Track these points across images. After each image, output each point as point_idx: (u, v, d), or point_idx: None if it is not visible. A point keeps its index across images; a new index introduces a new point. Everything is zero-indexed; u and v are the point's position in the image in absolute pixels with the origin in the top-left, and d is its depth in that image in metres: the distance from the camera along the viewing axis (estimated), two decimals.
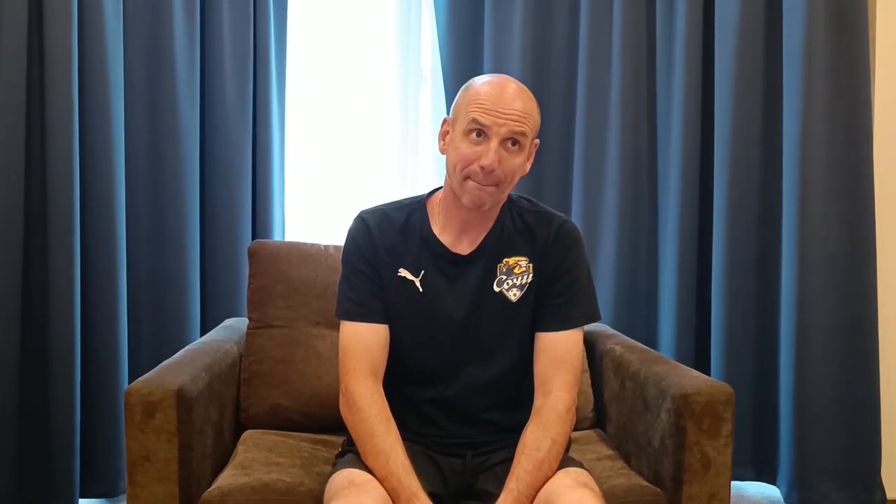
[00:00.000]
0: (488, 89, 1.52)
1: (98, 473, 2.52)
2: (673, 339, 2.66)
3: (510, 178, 1.54)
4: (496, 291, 1.62)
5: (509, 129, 1.50)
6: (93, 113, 2.45)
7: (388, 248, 1.63)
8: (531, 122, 1.54)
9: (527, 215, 1.66)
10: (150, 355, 2.54)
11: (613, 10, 2.67)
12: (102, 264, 2.48)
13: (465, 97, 1.56)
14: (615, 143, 2.68)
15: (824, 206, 2.54)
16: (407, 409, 1.65)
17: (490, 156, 1.49)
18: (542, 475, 1.48)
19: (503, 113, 1.50)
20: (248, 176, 2.61)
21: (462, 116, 1.54)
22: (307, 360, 2.09)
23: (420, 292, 1.62)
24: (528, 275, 1.63)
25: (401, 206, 1.69)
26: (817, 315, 2.54)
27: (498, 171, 1.51)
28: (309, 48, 2.83)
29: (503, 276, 1.63)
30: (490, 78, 1.57)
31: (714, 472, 1.72)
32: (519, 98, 1.52)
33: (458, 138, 1.54)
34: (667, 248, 2.69)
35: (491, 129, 1.50)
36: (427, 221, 1.65)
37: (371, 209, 1.69)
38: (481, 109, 1.50)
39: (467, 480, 1.62)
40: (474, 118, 1.50)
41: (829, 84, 2.53)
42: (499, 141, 1.50)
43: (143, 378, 1.71)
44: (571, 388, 1.58)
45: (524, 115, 1.51)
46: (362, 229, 1.64)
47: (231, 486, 1.67)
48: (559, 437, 1.53)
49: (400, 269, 1.63)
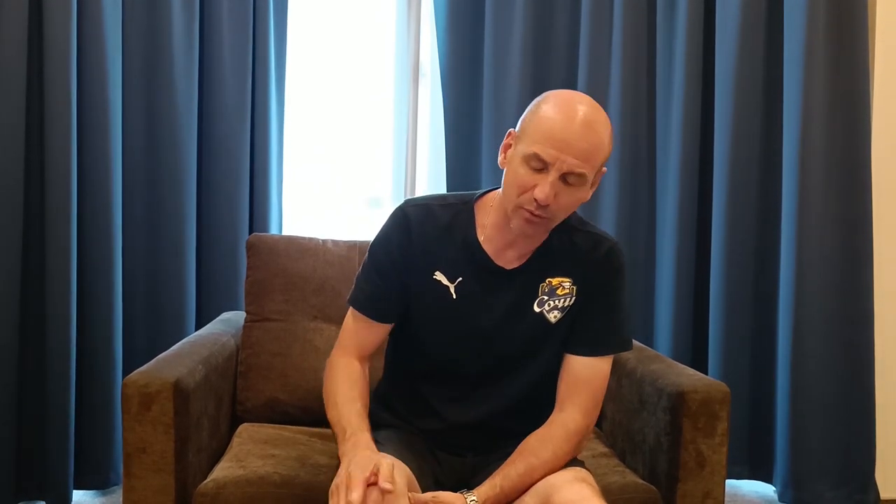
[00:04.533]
0: (557, 121, 1.41)
1: (92, 465, 2.52)
2: (670, 338, 2.67)
3: (564, 212, 1.48)
4: (536, 312, 1.57)
5: (570, 166, 1.40)
6: (91, 107, 2.44)
7: (427, 248, 1.56)
8: (599, 159, 1.44)
9: (574, 234, 1.58)
10: (146, 348, 2.54)
11: (614, 8, 2.67)
12: (99, 257, 2.47)
13: (534, 120, 1.45)
14: (614, 141, 2.67)
15: (823, 205, 2.54)
16: (416, 405, 1.64)
17: (546, 189, 1.40)
18: (531, 481, 1.48)
19: (566, 151, 1.40)
20: (245, 169, 2.61)
21: (525, 139, 1.44)
22: (304, 354, 2.09)
23: (453, 299, 1.56)
24: (571, 297, 1.57)
25: (447, 203, 1.60)
26: (814, 314, 2.55)
27: (553, 205, 1.43)
28: (308, 43, 2.83)
29: (545, 297, 1.57)
30: (562, 103, 1.44)
31: (709, 471, 1.72)
32: (586, 136, 1.41)
33: (518, 161, 1.44)
34: (665, 247, 2.69)
35: (552, 165, 1.40)
36: (473, 226, 1.57)
37: (416, 202, 1.61)
38: (549, 141, 1.40)
39: (465, 477, 1.62)
40: (535, 153, 1.41)
41: (828, 84, 2.53)
42: (558, 175, 1.41)
43: (141, 370, 1.71)
44: (587, 413, 1.54)
45: (588, 155, 1.41)
46: (402, 224, 1.57)
47: (227, 478, 1.67)
48: (559, 453, 1.50)
49: (436, 271, 1.56)
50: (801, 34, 2.53)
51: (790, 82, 2.57)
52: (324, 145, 2.86)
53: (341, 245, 2.22)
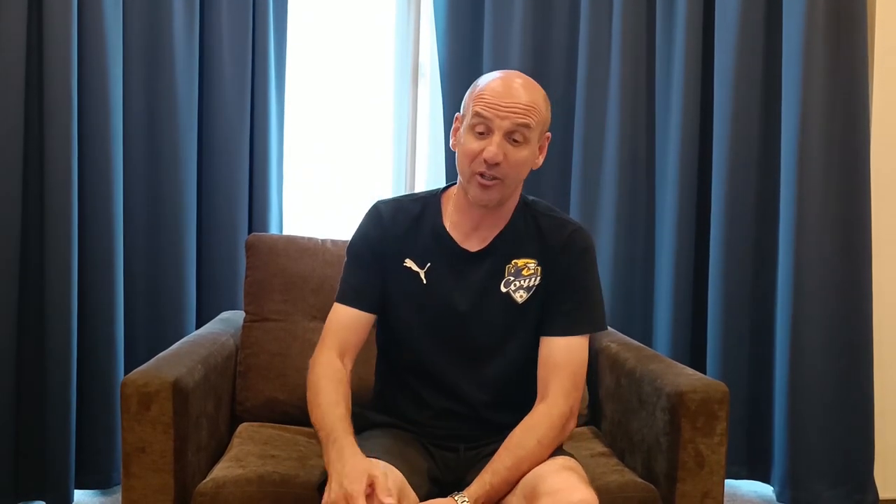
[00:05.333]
0: (492, 84, 1.53)
1: (93, 465, 2.52)
2: (669, 337, 2.67)
3: (516, 172, 1.54)
4: (503, 292, 1.62)
5: (511, 121, 1.49)
6: (91, 106, 2.45)
7: (398, 238, 1.64)
8: (536, 115, 1.52)
9: (540, 219, 1.65)
10: (146, 347, 2.54)
11: (613, 8, 2.67)
12: (99, 257, 2.48)
13: (472, 93, 1.56)
14: (614, 141, 2.68)
15: (821, 205, 2.55)
16: (405, 397, 1.67)
17: (493, 149, 1.49)
18: (517, 474, 1.49)
19: (505, 106, 1.49)
20: (245, 170, 2.61)
21: (468, 112, 1.55)
22: (303, 354, 2.09)
23: (423, 284, 1.62)
24: (536, 277, 1.62)
25: (416, 198, 1.70)
26: (813, 314, 2.55)
27: (503, 164, 1.50)
28: (308, 43, 2.83)
29: (511, 278, 1.62)
30: (496, 74, 1.58)
31: (708, 470, 1.72)
32: (523, 91, 1.52)
33: (465, 134, 1.54)
34: (664, 246, 2.69)
35: (493, 122, 1.50)
36: (440, 215, 1.65)
37: (388, 199, 1.71)
38: (483, 104, 1.51)
39: (460, 472, 1.63)
40: (477, 111, 1.51)
41: (827, 83, 2.54)
42: (502, 134, 1.50)
43: (140, 369, 1.71)
44: (569, 395, 1.56)
45: (527, 108, 1.51)
46: (375, 217, 1.66)
47: (226, 478, 1.68)
48: (545, 440, 1.52)
49: (406, 259, 1.63)
50: (800, 33, 2.53)
51: (789, 81, 2.57)
52: (323, 145, 2.87)
53: (340, 245, 2.22)
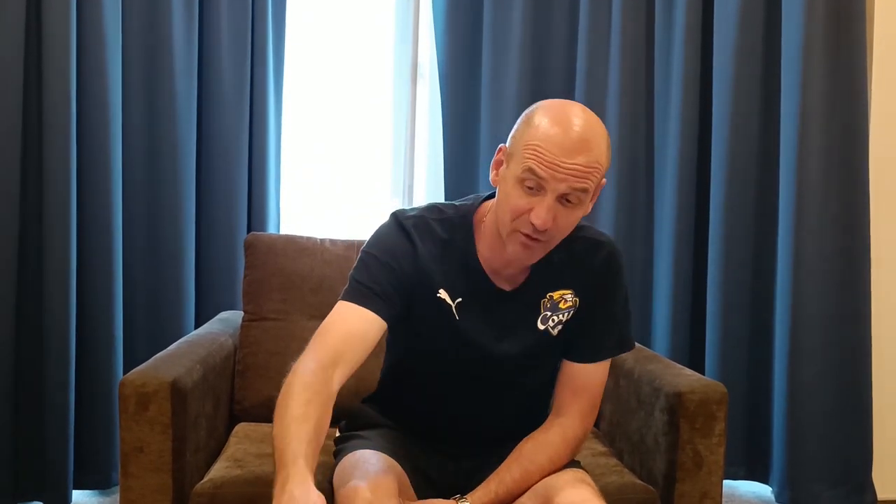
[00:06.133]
0: (551, 133, 1.30)
1: (91, 465, 2.52)
2: (668, 338, 2.67)
3: (562, 234, 1.38)
4: (540, 329, 1.51)
5: (569, 185, 1.30)
6: (90, 106, 2.44)
7: (429, 264, 1.46)
8: (598, 174, 1.33)
9: (572, 243, 1.47)
10: (144, 347, 2.53)
11: (612, 9, 2.67)
12: (98, 256, 2.47)
13: (525, 133, 1.33)
14: (613, 140, 2.66)
15: (820, 205, 2.54)
16: (416, 419, 1.63)
17: (543, 214, 1.30)
18: (525, 486, 1.46)
19: (563, 167, 1.29)
20: (244, 169, 2.60)
21: (517, 156, 1.33)
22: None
23: (456, 319, 1.48)
24: (574, 308, 1.52)
25: (443, 218, 1.49)
26: (811, 315, 2.55)
27: (551, 229, 1.33)
28: (306, 42, 2.82)
29: (548, 313, 1.51)
30: (555, 115, 1.32)
31: (706, 471, 1.72)
32: (585, 148, 1.29)
33: (511, 182, 1.34)
34: (662, 247, 2.69)
35: (548, 184, 1.30)
36: (472, 245, 1.48)
37: (411, 214, 1.50)
38: (538, 159, 1.29)
39: (461, 480, 1.59)
40: (530, 167, 1.30)
41: (826, 83, 2.53)
42: (555, 197, 1.31)
43: (138, 369, 1.71)
44: (585, 417, 1.53)
45: (588, 171, 1.30)
46: (405, 235, 1.47)
47: (224, 478, 1.68)
48: (556, 458, 1.49)
49: (440, 289, 1.47)
50: (799, 33, 2.53)
51: (788, 82, 2.57)
52: (322, 145, 2.86)
53: (339, 244, 2.22)
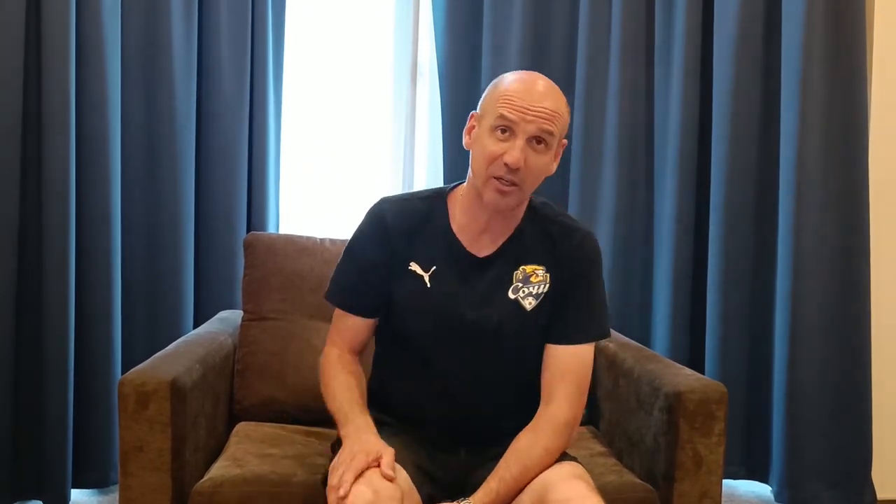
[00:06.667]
0: (518, 85, 1.49)
1: (90, 464, 2.52)
2: (667, 338, 2.67)
3: (534, 178, 1.51)
4: (511, 298, 1.59)
5: (537, 126, 1.47)
6: (89, 104, 2.44)
7: (402, 239, 1.60)
8: (560, 121, 1.50)
9: (549, 225, 1.62)
10: (143, 347, 2.53)
11: (612, 9, 2.67)
12: (97, 256, 2.47)
13: (494, 93, 1.52)
14: (612, 141, 2.68)
15: (820, 205, 2.55)
16: (408, 403, 1.65)
17: (515, 153, 1.45)
18: (525, 481, 1.48)
19: (532, 110, 1.46)
20: (243, 168, 2.60)
21: (490, 112, 1.50)
22: (301, 353, 2.09)
23: (427, 288, 1.58)
24: (545, 284, 1.59)
25: (423, 196, 1.66)
26: (811, 315, 2.55)
27: (523, 170, 1.47)
28: (306, 41, 2.82)
29: (519, 284, 1.59)
30: (520, 74, 1.54)
31: (706, 471, 1.72)
32: (549, 96, 1.49)
33: (485, 134, 1.50)
34: (662, 246, 2.69)
35: (518, 126, 1.46)
36: (447, 217, 1.61)
37: (393, 196, 1.67)
38: (510, 106, 1.47)
39: (461, 475, 1.62)
40: (502, 114, 1.47)
41: (826, 83, 2.54)
42: (526, 139, 1.47)
43: (137, 368, 1.71)
44: (574, 402, 1.55)
45: (553, 114, 1.48)
46: (378, 220, 1.62)
47: (224, 477, 1.67)
48: (551, 447, 1.51)
49: (411, 262, 1.59)
50: (799, 33, 2.53)
51: (788, 81, 2.57)
52: (322, 144, 2.86)
53: (339, 244, 2.21)
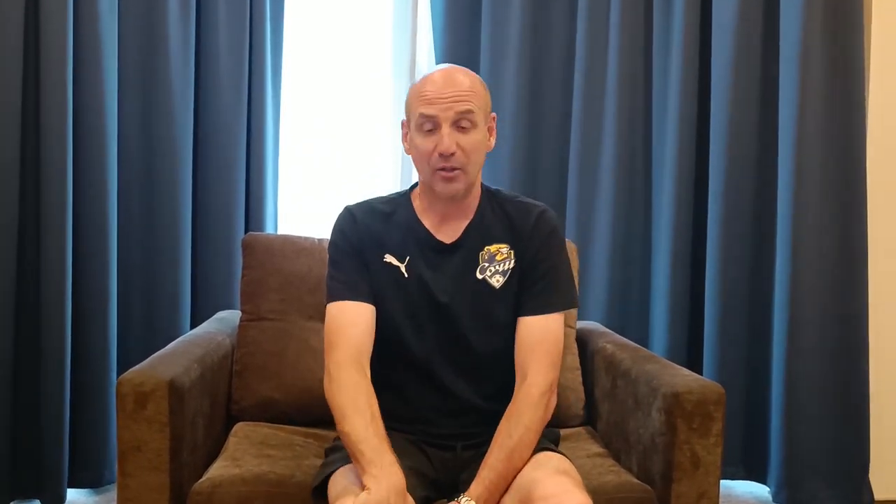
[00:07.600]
0: (427, 83, 1.58)
1: (86, 463, 2.52)
2: (665, 338, 2.67)
3: (472, 157, 1.58)
4: (479, 279, 1.65)
5: (454, 110, 1.54)
6: (87, 106, 2.44)
7: (374, 236, 1.66)
8: (476, 98, 1.57)
9: (506, 205, 1.70)
10: (141, 347, 2.54)
11: (611, 9, 2.67)
12: (95, 256, 2.47)
13: (411, 95, 1.62)
14: (611, 141, 2.69)
15: (818, 205, 2.55)
16: (397, 398, 1.66)
17: (445, 141, 1.54)
18: (513, 464, 1.50)
19: (445, 97, 1.54)
20: (241, 169, 2.61)
21: (413, 114, 1.60)
22: (300, 354, 2.09)
23: (405, 277, 1.64)
24: (510, 261, 1.66)
25: (386, 199, 1.74)
26: (809, 315, 2.55)
27: (458, 153, 1.55)
28: (305, 42, 2.82)
29: (485, 264, 1.65)
30: (429, 72, 1.63)
31: (703, 471, 1.72)
32: (457, 79, 1.57)
33: (416, 136, 1.59)
34: (660, 247, 2.70)
35: (439, 117, 1.54)
36: (412, 211, 1.70)
37: (357, 202, 1.73)
38: (425, 101, 1.56)
39: (457, 472, 1.62)
40: (421, 112, 1.56)
41: (824, 83, 2.54)
42: (449, 125, 1.55)
43: (136, 368, 1.71)
44: (547, 372, 1.58)
45: (466, 93, 1.56)
46: (347, 218, 1.69)
47: (222, 477, 1.67)
48: (532, 424, 1.53)
49: (386, 255, 1.66)
50: (797, 32, 2.54)
51: (786, 82, 2.57)
52: (320, 144, 2.86)
53: None
